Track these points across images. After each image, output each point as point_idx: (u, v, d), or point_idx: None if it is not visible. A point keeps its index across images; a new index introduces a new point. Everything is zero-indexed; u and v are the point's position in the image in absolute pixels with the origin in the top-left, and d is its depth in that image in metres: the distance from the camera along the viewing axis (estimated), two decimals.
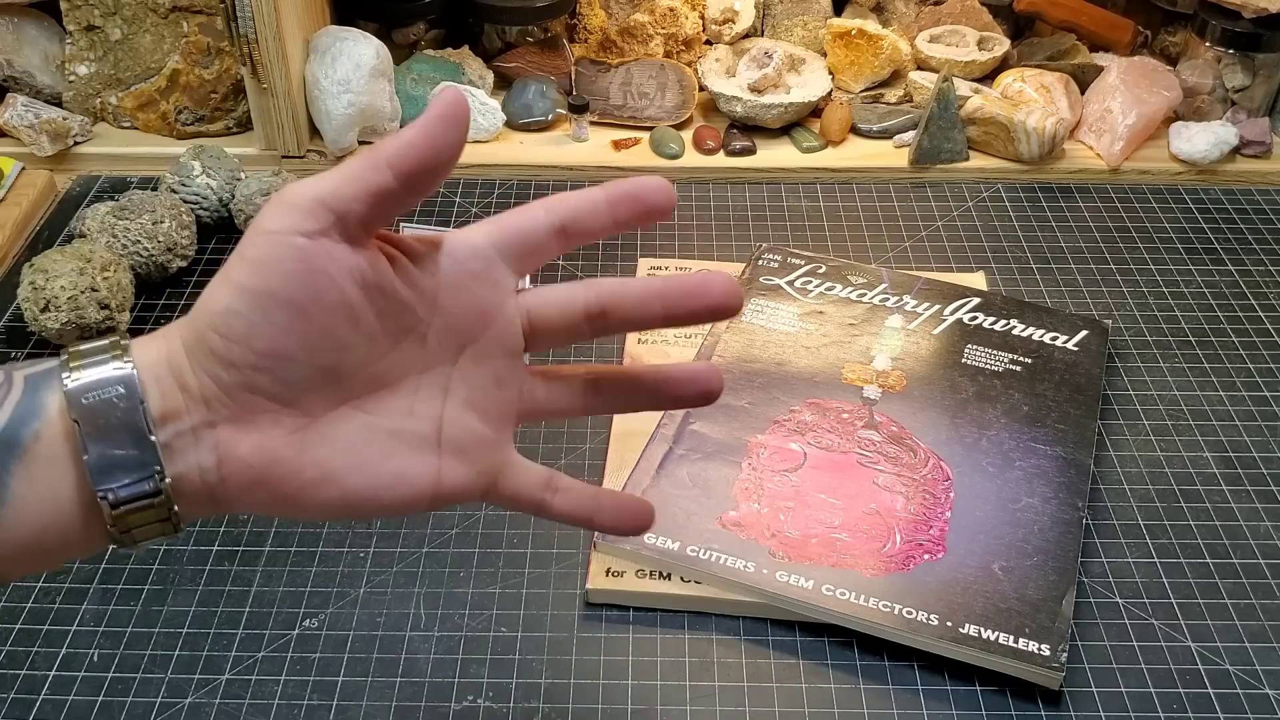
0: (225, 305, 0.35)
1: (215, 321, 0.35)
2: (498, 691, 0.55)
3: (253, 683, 0.55)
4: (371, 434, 0.37)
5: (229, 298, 0.35)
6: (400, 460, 0.38)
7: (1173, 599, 0.60)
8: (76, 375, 0.35)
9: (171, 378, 0.35)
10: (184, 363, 0.35)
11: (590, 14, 1.04)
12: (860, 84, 1.00)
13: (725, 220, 0.88)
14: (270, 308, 0.34)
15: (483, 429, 0.40)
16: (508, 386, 0.40)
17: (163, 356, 0.35)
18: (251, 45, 0.85)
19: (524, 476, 0.41)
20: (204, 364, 0.35)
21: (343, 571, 0.60)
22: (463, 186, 0.91)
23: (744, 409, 0.68)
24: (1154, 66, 0.97)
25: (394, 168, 0.35)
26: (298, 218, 0.35)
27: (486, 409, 0.40)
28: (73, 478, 0.34)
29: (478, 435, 0.39)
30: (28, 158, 0.90)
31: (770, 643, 0.57)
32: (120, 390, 0.34)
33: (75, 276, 0.71)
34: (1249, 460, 0.68)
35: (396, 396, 0.38)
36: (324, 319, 0.35)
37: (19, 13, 0.93)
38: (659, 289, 0.40)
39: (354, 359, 0.37)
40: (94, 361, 0.35)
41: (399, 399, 0.38)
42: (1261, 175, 0.93)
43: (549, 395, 0.41)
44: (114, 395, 0.34)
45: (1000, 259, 0.84)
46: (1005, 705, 0.55)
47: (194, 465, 0.35)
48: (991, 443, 0.66)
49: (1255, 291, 0.81)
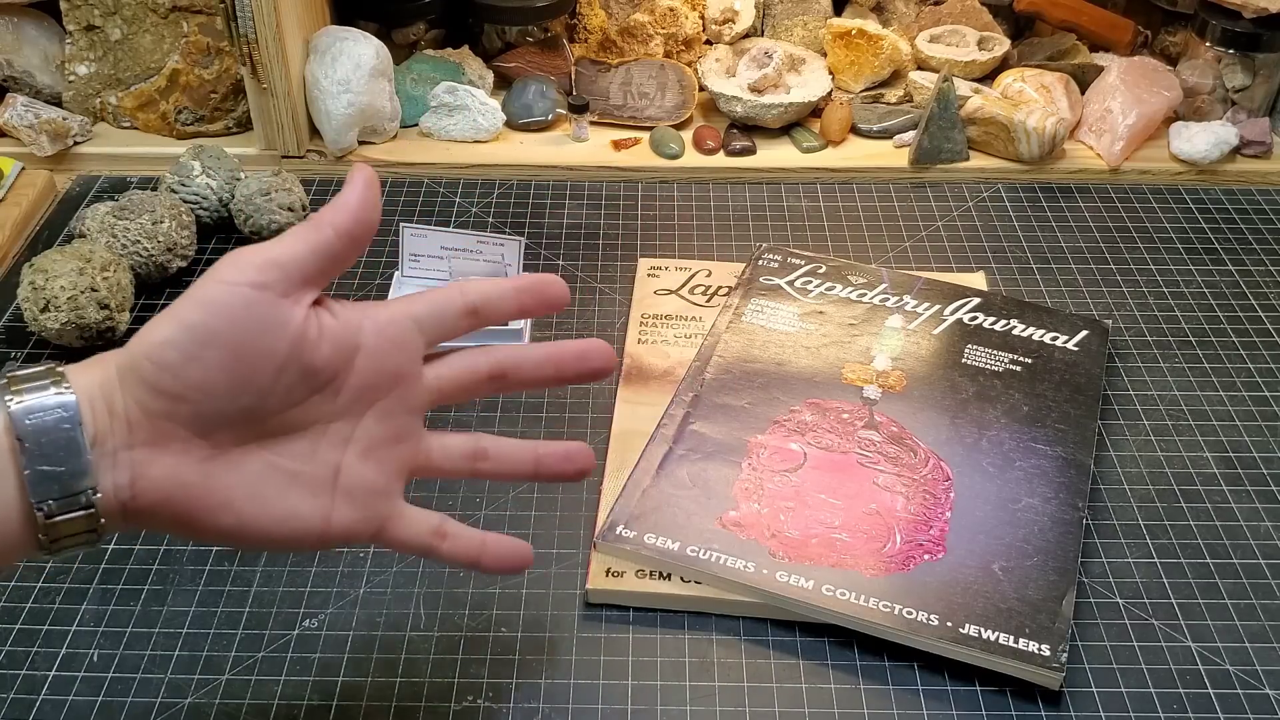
0: (166, 337, 0.39)
1: (152, 351, 0.39)
2: (498, 691, 0.55)
3: (253, 683, 0.55)
4: (273, 472, 0.42)
5: (171, 330, 0.39)
6: (295, 499, 0.42)
7: (1173, 599, 0.60)
8: (19, 399, 0.38)
9: (103, 401, 0.39)
10: (115, 388, 0.39)
11: (590, 14, 1.04)
12: (860, 84, 1.00)
13: (725, 220, 0.88)
14: (208, 345, 0.39)
15: (377, 479, 0.44)
16: (405, 443, 0.45)
17: (97, 382, 0.39)
18: (251, 45, 0.85)
19: (413, 525, 0.46)
20: (133, 390, 0.39)
21: (343, 571, 0.60)
22: (463, 186, 0.91)
23: (744, 409, 0.68)
24: (1154, 66, 0.97)
25: (335, 227, 0.42)
26: (251, 272, 0.40)
27: (383, 461, 0.44)
28: (14, 490, 0.38)
29: (371, 484, 0.44)
30: (28, 158, 0.90)
31: (770, 643, 0.57)
32: (61, 414, 0.38)
33: (75, 276, 0.71)
34: (1249, 460, 0.68)
35: (302, 441, 0.42)
36: (254, 364, 0.40)
37: (19, 13, 0.93)
38: (552, 355, 0.47)
39: (271, 404, 0.41)
40: (35, 387, 0.39)
41: (304, 443, 0.42)
42: (1261, 175, 0.93)
43: (443, 456, 0.46)
44: (55, 419, 0.38)
45: (1000, 259, 0.84)
46: (1005, 705, 0.54)
47: (111, 483, 0.39)
48: (991, 443, 0.66)
49: (1255, 291, 0.81)
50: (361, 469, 0.44)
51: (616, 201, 0.89)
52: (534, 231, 0.86)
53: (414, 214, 0.88)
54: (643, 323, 0.76)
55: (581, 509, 0.64)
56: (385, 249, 0.84)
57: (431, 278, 0.76)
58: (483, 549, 0.47)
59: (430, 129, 0.94)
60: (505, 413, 0.70)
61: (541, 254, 0.83)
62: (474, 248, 0.74)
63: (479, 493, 0.65)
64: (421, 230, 0.75)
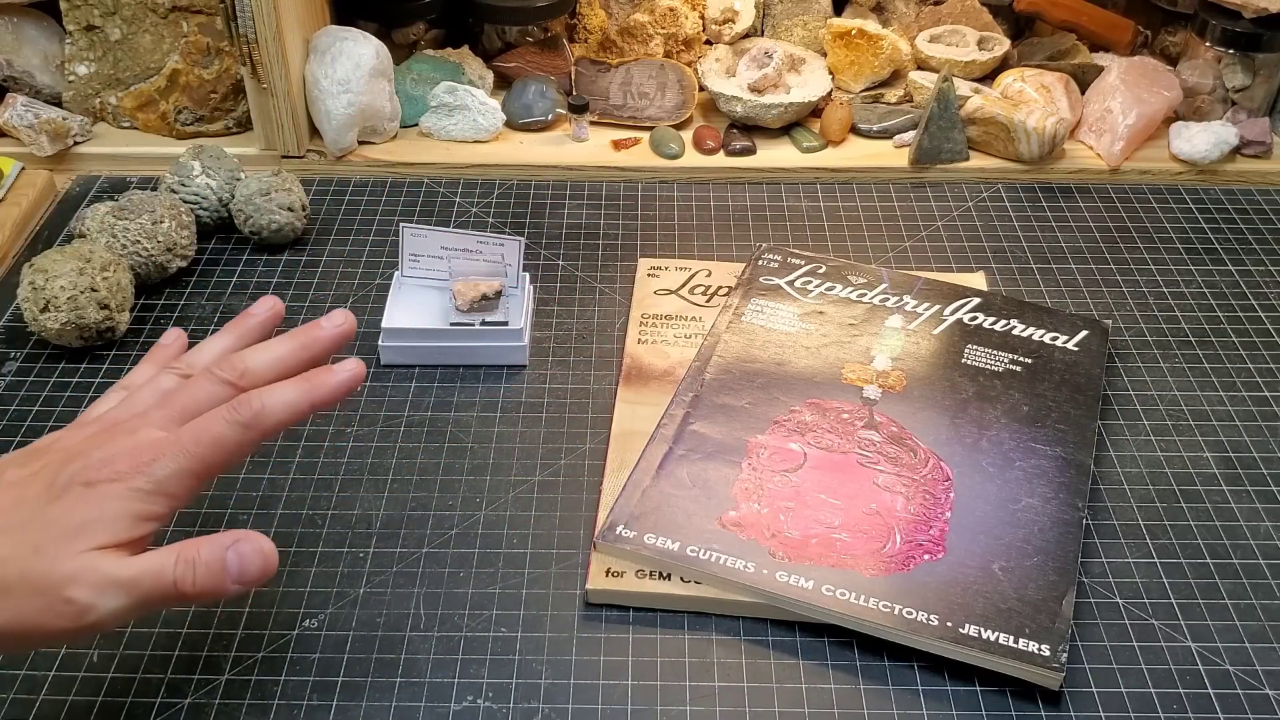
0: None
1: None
2: (498, 691, 0.55)
3: (253, 683, 0.55)
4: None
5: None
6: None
7: (1173, 599, 0.60)
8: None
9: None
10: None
11: (590, 14, 1.04)
12: (860, 84, 1.00)
13: (725, 220, 0.88)
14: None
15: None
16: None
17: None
18: (251, 45, 0.85)
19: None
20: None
21: (343, 571, 0.60)
22: (463, 186, 0.91)
23: (744, 409, 0.68)
24: (1154, 66, 0.97)
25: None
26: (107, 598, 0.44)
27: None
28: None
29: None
30: (28, 158, 0.90)
31: (770, 643, 0.57)
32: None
33: (75, 276, 0.71)
34: (1249, 460, 0.68)
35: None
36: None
37: (19, 13, 0.93)
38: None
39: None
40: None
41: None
42: (1261, 175, 0.93)
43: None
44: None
45: (1000, 259, 0.84)
46: (1005, 705, 0.54)
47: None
48: (991, 443, 0.66)
49: (1255, 291, 0.81)
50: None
51: (616, 201, 0.89)
52: (534, 231, 0.86)
53: (414, 214, 0.88)
54: (643, 323, 0.76)
55: (581, 509, 0.64)
56: (385, 249, 0.84)
57: (431, 277, 0.76)
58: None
59: (430, 129, 0.94)
60: (505, 412, 0.70)
61: (541, 254, 0.83)
62: (474, 248, 0.74)
63: (479, 493, 0.65)
64: (421, 230, 0.75)
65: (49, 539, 0.44)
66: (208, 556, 0.46)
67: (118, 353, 0.74)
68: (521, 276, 0.75)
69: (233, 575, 0.46)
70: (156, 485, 0.46)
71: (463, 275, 0.75)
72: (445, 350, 0.73)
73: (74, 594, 0.44)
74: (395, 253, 0.80)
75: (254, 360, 0.52)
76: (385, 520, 0.63)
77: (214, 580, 0.46)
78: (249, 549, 0.47)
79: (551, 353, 0.75)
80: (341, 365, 0.52)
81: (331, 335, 0.54)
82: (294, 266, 0.82)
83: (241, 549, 0.46)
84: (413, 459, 0.67)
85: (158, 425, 0.49)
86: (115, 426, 0.49)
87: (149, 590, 0.45)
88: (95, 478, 0.46)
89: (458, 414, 0.70)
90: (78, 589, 0.44)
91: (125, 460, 0.46)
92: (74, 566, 0.44)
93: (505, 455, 0.67)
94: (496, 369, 0.73)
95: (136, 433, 0.48)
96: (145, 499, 0.46)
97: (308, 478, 0.65)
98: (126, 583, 0.45)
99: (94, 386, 0.71)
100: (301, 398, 0.50)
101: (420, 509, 0.64)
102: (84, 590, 0.44)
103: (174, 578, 0.45)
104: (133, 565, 0.45)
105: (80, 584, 0.44)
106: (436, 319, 0.74)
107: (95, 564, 0.44)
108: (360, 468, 0.66)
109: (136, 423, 0.49)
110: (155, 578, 0.45)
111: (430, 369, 0.73)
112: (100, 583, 0.44)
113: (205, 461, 0.47)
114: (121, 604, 0.45)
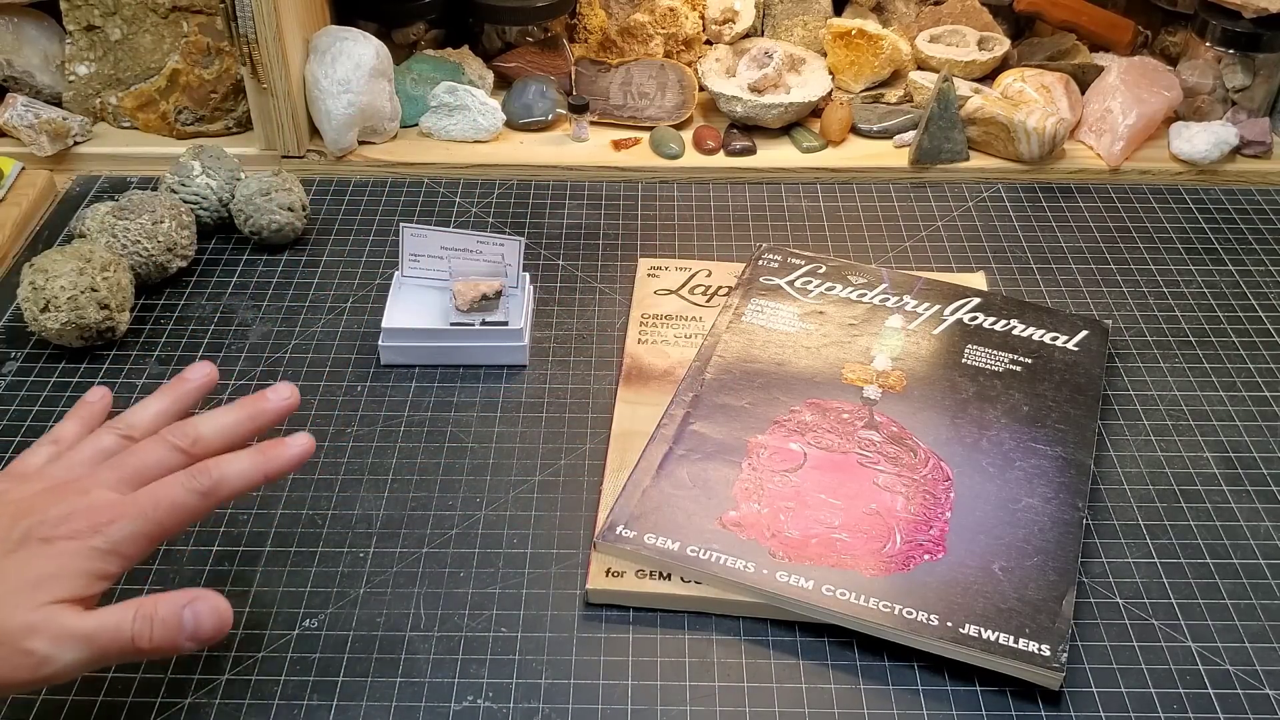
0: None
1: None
2: (498, 691, 0.55)
3: (253, 683, 0.55)
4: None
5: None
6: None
7: (1173, 599, 0.60)
8: None
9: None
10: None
11: (590, 14, 1.04)
12: (860, 84, 1.00)
13: (725, 220, 0.88)
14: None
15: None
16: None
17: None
18: (251, 45, 0.85)
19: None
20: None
21: (343, 571, 0.60)
22: (463, 186, 0.91)
23: (744, 409, 0.68)
24: (1154, 66, 0.97)
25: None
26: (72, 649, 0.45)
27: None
28: None
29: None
30: (28, 158, 0.90)
31: (770, 643, 0.57)
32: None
33: (75, 276, 0.71)
34: (1249, 460, 0.68)
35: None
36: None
37: (19, 13, 0.93)
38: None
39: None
40: None
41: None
42: (1261, 175, 0.93)
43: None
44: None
45: (1000, 259, 0.84)
46: (1005, 705, 0.54)
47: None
48: (992, 443, 0.66)
49: (1255, 291, 0.81)
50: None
51: (616, 201, 0.89)
52: (534, 231, 0.86)
53: (414, 214, 0.88)
54: (643, 323, 0.76)
55: (581, 509, 0.64)
56: (385, 249, 0.84)
57: (431, 277, 0.76)
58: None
59: (430, 129, 0.94)
60: (505, 412, 0.70)
61: (541, 254, 0.83)
62: (474, 248, 0.74)
63: (479, 493, 0.65)
64: (421, 230, 0.75)
65: (5, 591, 0.45)
66: (164, 613, 0.47)
67: (118, 353, 0.74)
68: (521, 276, 0.75)
69: (188, 632, 0.47)
70: (113, 545, 0.47)
71: (463, 275, 0.75)
72: (445, 350, 0.73)
73: (33, 645, 0.45)
74: (395, 253, 0.80)
75: (205, 428, 0.53)
76: (385, 520, 0.63)
77: (169, 637, 0.47)
78: (204, 608, 0.48)
79: (551, 353, 0.75)
80: (294, 439, 0.53)
81: (277, 408, 0.55)
82: (294, 266, 0.82)
83: (197, 608, 0.48)
84: (413, 459, 0.67)
85: (109, 486, 0.49)
86: (66, 485, 0.50)
87: (106, 644, 0.46)
88: (52, 534, 0.47)
89: (458, 414, 0.70)
90: (37, 640, 0.45)
91: (82, 519, 0.47)
92: (33, 619, 0.45)
93: (505, 455, 0.67)
94: (496, 369, 0.73)
95: (89, 493, 0.49)
96: (102, 558, 0.47)
97: (308, 478, 0.65)
98: (85, 636, 0.46)
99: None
100: (256, 469, 0.51)
101: (420, 509, 0.64)
102: (43, 642, 0.45)
103: (132, 633, 0.46)
104: (91, 620, 0.46)
105: (40, 635, 0.45)
106: (436, 319, 0.74)
107: (55, 617, 0.45)
108: (360, 468, 0.66)
109: (88, 483, 0.50)
110: (113, 632, 0.46)
111: (430, 369, 0.73)
112: (60, 635, 0.45)
113: (161, 525, 0.49)
114: (79, 656, 0.46)
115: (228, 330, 0.76)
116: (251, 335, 0.76)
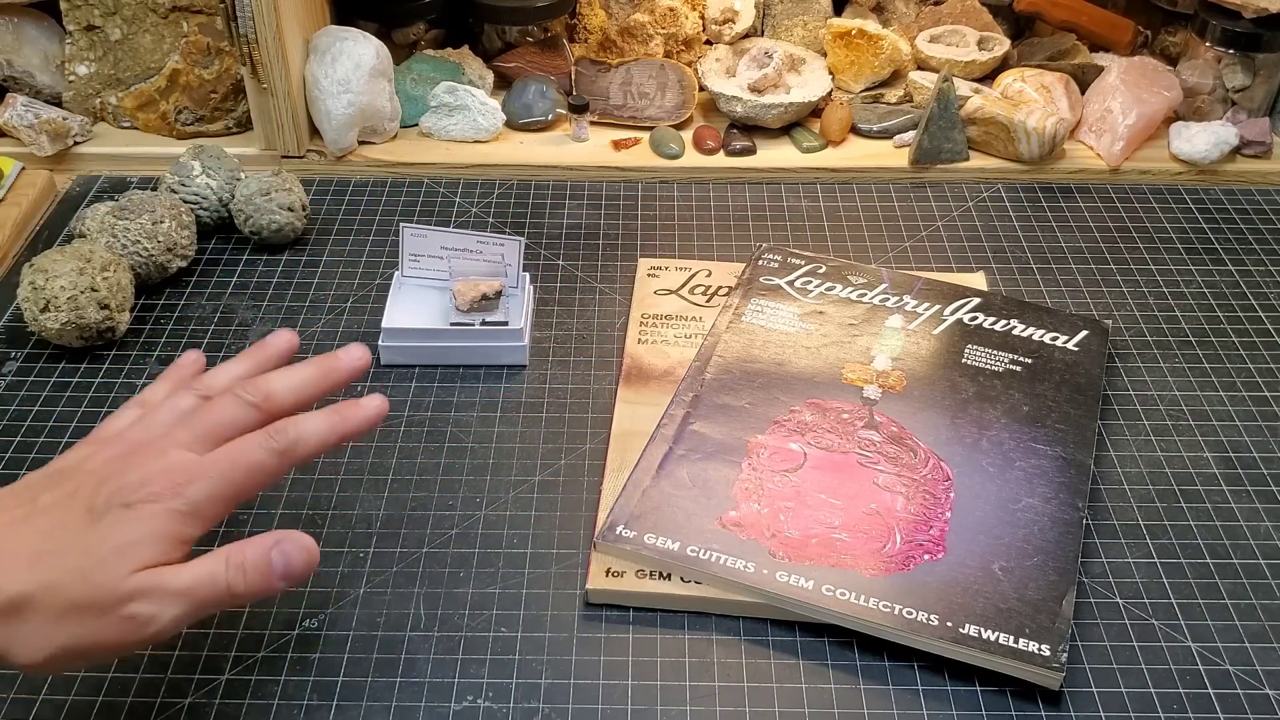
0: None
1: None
2: (498, 691, 0.55)
3: (253, 683, 0.55)
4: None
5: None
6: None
7: (1173, 599, 0.60)
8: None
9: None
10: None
11: (590, 14, 1.04)
12: (860, 84, 1.00)
13: (725, 220, 0.88)
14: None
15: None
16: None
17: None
18: (251, 45, 0.85)
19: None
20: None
21: (343, 571, 0.60)
22: (463, 186, 0.91)
23: (744, 409, 0.68)
24: (1154, 66, 0.97)
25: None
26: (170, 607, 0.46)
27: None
28: None
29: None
30: (28, 158, 0.90)
31: (770, 643, 0.57)
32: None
33: (75, 276, 0.71)
34: (1249, 460, 0.68)
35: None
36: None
37: (19, 13, 0.93)
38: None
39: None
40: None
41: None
42: (1261, 175, 0.93)
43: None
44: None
45: (1000, 259, 0.84)
46: (1005, 705, 0.54)
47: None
48: (992, 443, 0.66)
49: (1255, 291, 0.81)
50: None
51: (616, 201, 0.89)
52: (534, 231, 0.86)
53: (414, 214, 0.88)
54: (643, 323, 0.76)
55: (581, 509, 0.64)
56: (385, 249, 0.84)
57: (431, 277, 0.76)
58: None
59: (430, 129, 0.94)
60: (505, 412, 0.70)
61: (541, 254, 0.83)
62: (474, 248, 0.74)
63: (479, 493, 0.65)
64: (421, 230, 0.75)
65: (94, 562, 0.45)
66: (253, 558, 0.47)
67: (118, 353, 0.74)
68: (521, 276, 0.75)
69: (279, 573, 0.48)
70: (192, 507, 0.47)
71: (463, 275, 0.75)
72: (445, 350, 0.73)
73: (135, 610, 0.45)
74: (395, 253, 0.80)
75: (277, 385, 0.52)
76: (385, 520, 0.63)
77: (263, 580, 0.48)
78: (292, 547, 0.48)
79: (551, 353, 0.75)
80: (368, 400, 0.53)
81: (350, 367, 0.55)
82: (294, 266, 0.82)
83: (285, 548, 0.48)
84: (413, 459, 0.67)
85: (184, 446, 0.49)
86: (143, 447, 0.50)
87: (205, 596, 0.46)
88: (132, 499, 0.47)
89: (458, 414, 0.70)
90: (138, 605, 0.45)
91: (161, 482, 0.47)
92: (130, 585, 0.45)
93: (505, 455, 0.67)
94: (496, 369, 0.73)
95: (166, 454, 0.49)
96: (182, 520, 0.47)
97: (308, 478, 0.65)
98: (183, 591, 0.46)
99: (94, 386, 0.71)
100: (333, 429, 0.52)
101: (420, 509, 0.64)
102: (144, 605, 0.45)
103: (227, 582, 0.47)
104: (186, 574, 0.46)
105: (140, 599, 0.45)
106: (436, 319, 0.74)
107: (151, 578, 0.46)
108: (360, 468, 0.66)
109: (164, 443, 0.49)
110: (209, 584, 0.47)
111: (430, 369, 0.73)
112: (160, 595, 0.45)
113: (239, 486, 0.49)
114: (181, 611, 0.46)
115: (228, 330, 0.76)
116: (252, 335, 0.76)
